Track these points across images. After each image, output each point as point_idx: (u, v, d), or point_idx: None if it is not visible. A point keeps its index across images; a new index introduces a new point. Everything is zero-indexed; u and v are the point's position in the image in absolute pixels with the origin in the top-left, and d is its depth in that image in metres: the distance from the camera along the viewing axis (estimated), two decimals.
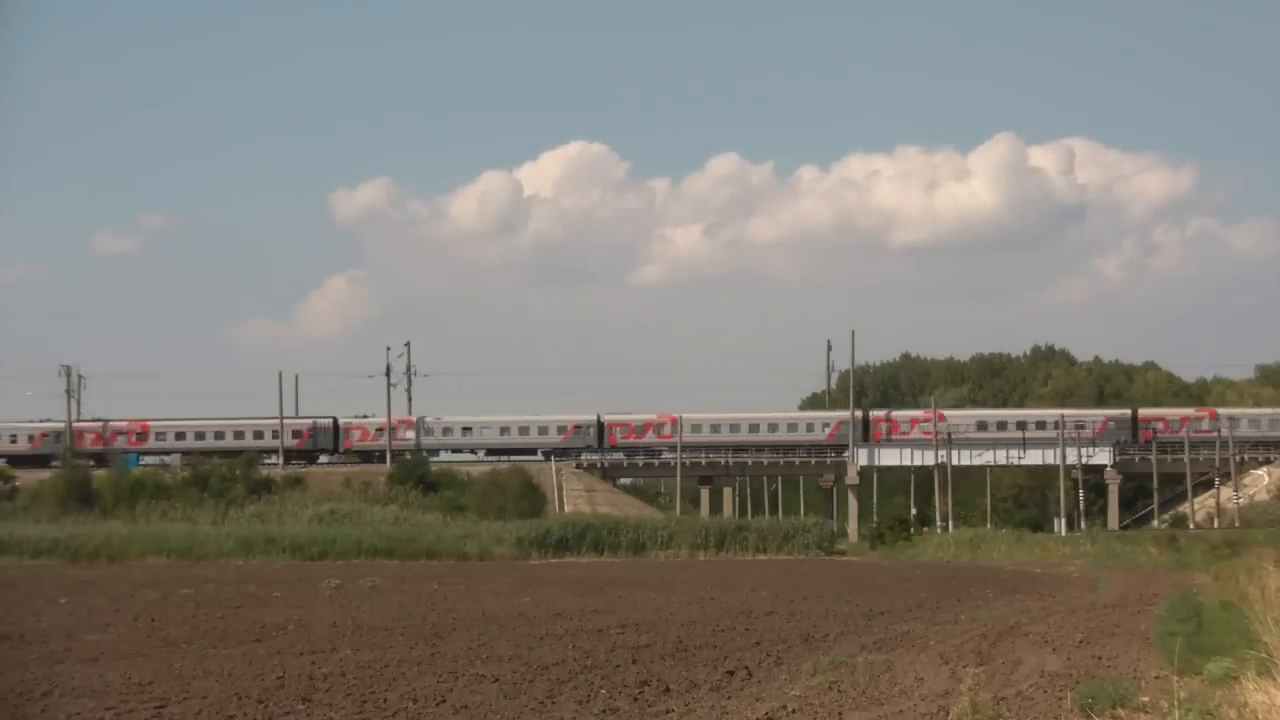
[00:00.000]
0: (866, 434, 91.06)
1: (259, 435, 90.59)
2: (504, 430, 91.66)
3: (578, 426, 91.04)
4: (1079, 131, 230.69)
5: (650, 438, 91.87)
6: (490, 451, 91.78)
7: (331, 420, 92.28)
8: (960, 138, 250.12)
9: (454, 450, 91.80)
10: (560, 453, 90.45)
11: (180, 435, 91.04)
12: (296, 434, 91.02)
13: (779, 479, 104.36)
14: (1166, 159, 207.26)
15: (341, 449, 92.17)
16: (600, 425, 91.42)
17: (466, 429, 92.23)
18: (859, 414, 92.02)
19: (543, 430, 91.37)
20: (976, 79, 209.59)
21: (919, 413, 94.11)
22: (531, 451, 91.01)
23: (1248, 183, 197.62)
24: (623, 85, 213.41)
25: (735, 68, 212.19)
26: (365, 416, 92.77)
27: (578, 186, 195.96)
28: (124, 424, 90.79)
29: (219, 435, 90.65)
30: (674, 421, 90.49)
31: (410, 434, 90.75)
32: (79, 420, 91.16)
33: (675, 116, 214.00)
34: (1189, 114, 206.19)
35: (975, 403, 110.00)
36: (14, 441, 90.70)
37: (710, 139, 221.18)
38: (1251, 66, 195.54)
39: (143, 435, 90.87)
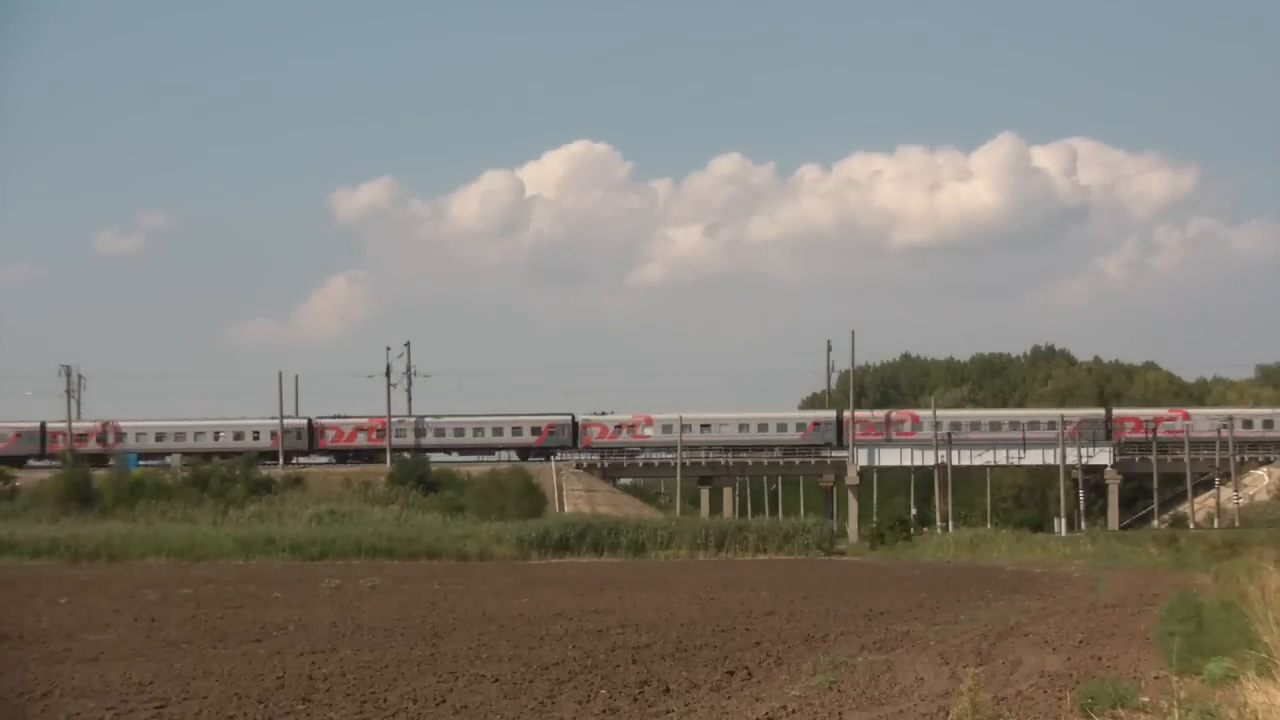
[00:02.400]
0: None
1: (498, 431, 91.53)
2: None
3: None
4: (1081, 131, 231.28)
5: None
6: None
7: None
8: (963, 137, 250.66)
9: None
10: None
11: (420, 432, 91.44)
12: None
13: (779, 479, 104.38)
14: (1169, 159, 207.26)
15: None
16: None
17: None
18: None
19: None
20: (979, 79, 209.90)
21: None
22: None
23: (1250, 184, 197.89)
24: (627, 85, 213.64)
25: (738, 67, 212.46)
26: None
27: (580, 186, 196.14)
28: (364, 420, 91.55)
29: (459, 431, 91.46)
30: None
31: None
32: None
33: (679, 116, 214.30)
34: (1191, 115, 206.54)
35: (976, 403, 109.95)
36: None
37: (713, 138, 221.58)
38: (1254, 68, 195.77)
39: (382, 432, 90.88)
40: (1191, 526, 79.61)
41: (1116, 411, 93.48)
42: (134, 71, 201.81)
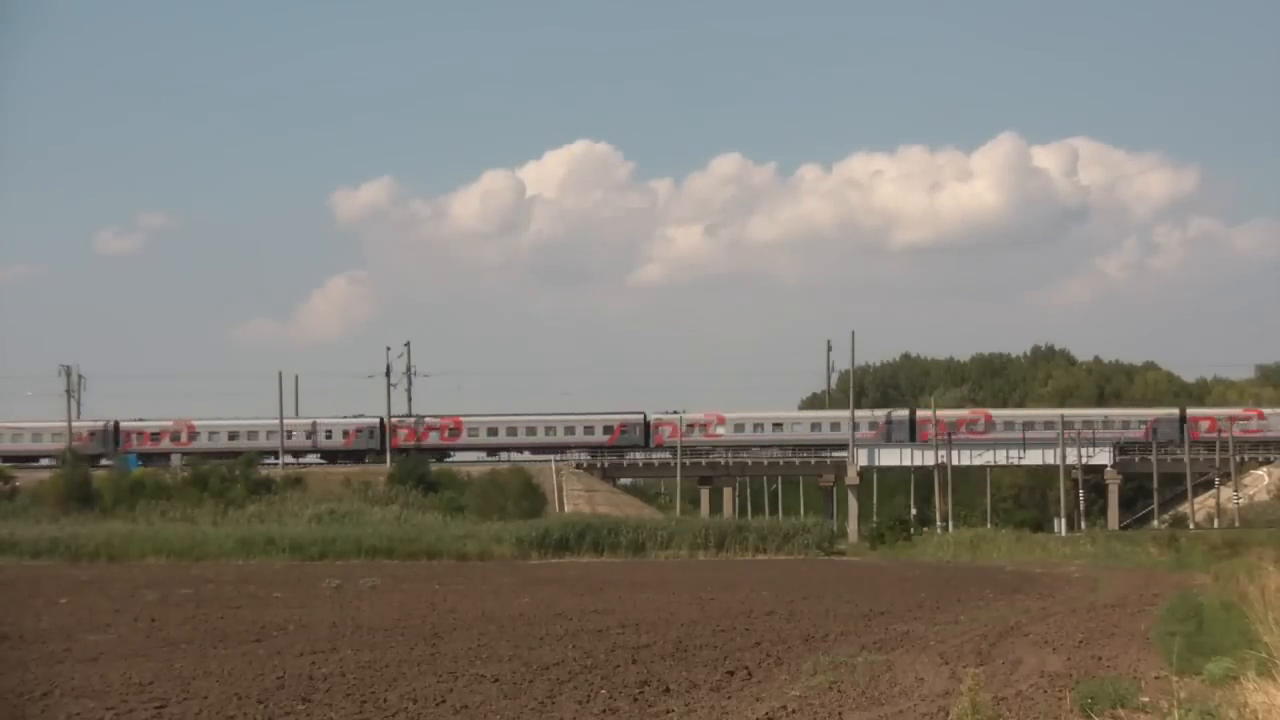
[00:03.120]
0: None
1: (570, 430, 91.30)
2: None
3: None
4: (1083, 131, 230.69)
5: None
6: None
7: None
8: (964, 137, 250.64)
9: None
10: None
11: (493, 431, 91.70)
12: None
13: (779, 479, 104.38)
14: (1170, 159, 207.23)
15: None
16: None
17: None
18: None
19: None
20: (980, 79, 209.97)
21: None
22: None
23: (1251, 184, 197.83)
24: (628, 84, 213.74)
25: (739, 67, 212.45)
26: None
27: (581, 186, 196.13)
28: (436, 420, 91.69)
29: (530, 430, 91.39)
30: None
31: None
32: (394, 416, 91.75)
33: (680, 116, 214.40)
34: (1192, 115, 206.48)
35: (976, 402, 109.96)
36: None
37: (714, 138, 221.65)
38: (1256, 68, 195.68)
39: (455, 431, 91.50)
40: (1191, 526, 79.61)
41: (1191, 411, 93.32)
42: (134, 71, 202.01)
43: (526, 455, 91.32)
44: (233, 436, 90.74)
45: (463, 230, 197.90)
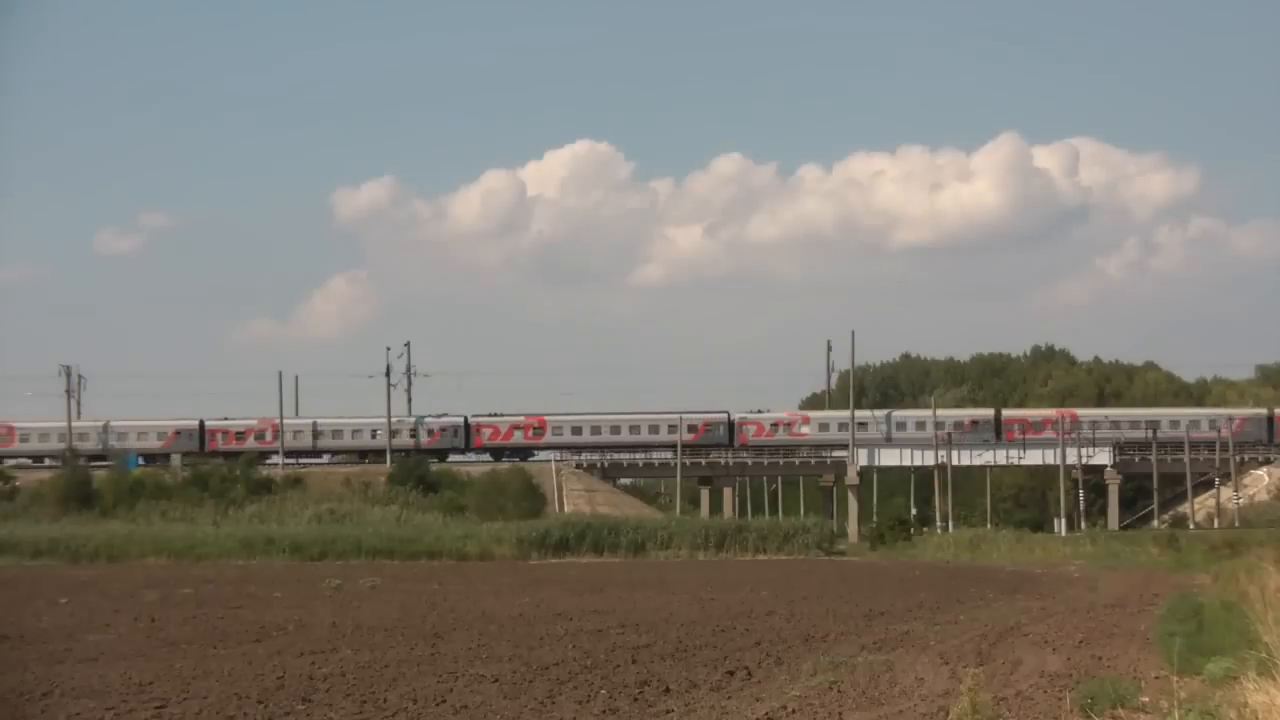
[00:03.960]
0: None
1: (654, 429, 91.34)
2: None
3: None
4: (1084, 131, 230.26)
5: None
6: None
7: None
8: (964, 137, 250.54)
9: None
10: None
11: (577, 430, 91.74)
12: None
13: (779, 479, 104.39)
14: (1171, 159, 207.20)
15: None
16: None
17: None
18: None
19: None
20: (981, 79, 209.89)
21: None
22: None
23: (1252, 184, 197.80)
24: (630, 84, 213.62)
25: (740, 67, 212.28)
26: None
27: (582, 186, 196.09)
28: (520, 419, 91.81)
29: (614, 429, 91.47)
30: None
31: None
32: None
33: (681, 116, 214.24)
34: (1193, 115, 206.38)
35: (975, 402, 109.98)
36: None
37: (715, 138, 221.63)
38: (1257, 68, 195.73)
39: (539, 430, 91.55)
40: (1191, 526, 79.65)
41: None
42: (134, 71, 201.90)
43: (608, 455, 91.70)
44: (317, 435, 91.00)
45: (463, 230, 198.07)
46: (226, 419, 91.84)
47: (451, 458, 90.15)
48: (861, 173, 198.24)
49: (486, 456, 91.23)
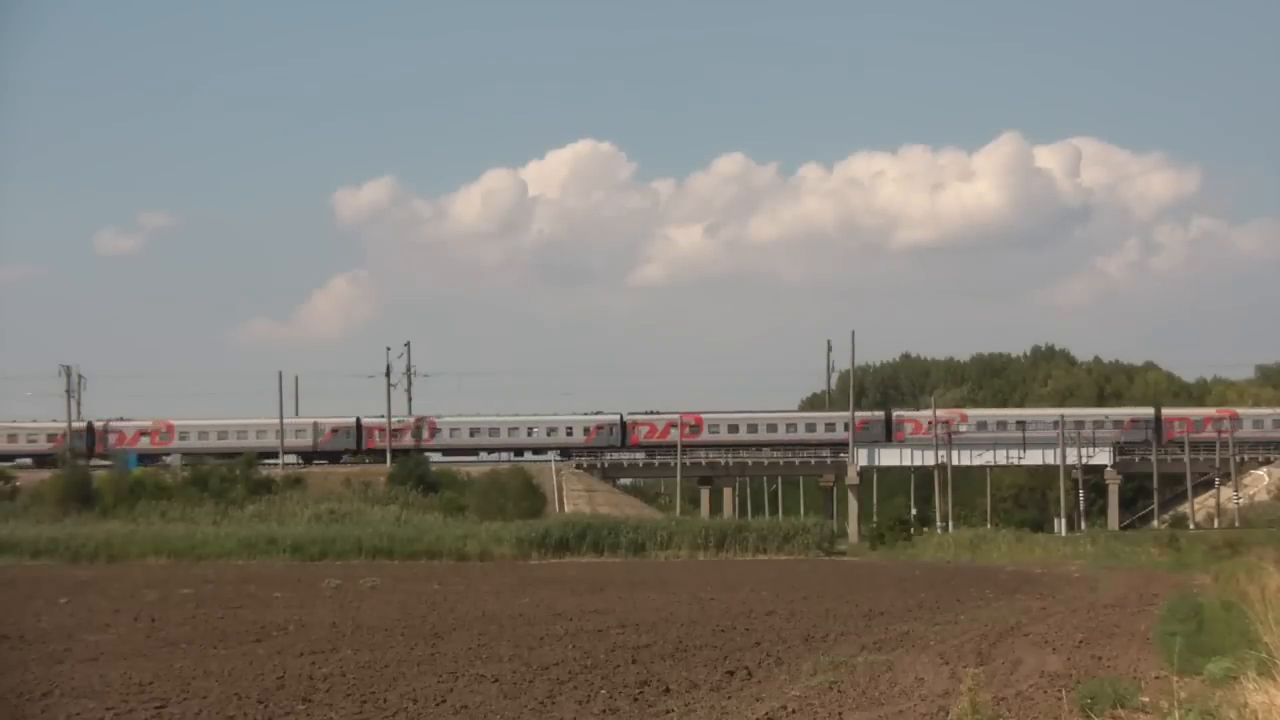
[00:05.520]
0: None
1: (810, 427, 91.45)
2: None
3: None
4: (1085, 131, 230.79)
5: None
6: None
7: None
8: (966, 137, 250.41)
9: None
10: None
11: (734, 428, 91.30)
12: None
13: (779, 479, 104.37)
14: (1172, 159, 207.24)
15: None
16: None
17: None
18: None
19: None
20: (982, 78, 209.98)
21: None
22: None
23: (1253, 184, 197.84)
24: (632, 84, 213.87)
25: (742, 67, 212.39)
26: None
27: (583, 186, 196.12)
28: (676, 416, 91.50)
29: (771, 427, 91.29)
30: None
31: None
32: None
33: (684, 115, 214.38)
34: (1195, 115, 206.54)
35: (976, 402, 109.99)
36: None
37: (717, 138, 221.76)
38: (1259, 68, 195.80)
39: (695, 428, 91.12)
40: (1191, 526, 79.62)
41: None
42: (134, 71, 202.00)
43: (766, 452, 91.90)
44: (474, 432, 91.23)
45: (464, 230, 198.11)
46: (380, 417, 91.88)
47: (609, 455, 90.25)
48: (863, 172, 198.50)
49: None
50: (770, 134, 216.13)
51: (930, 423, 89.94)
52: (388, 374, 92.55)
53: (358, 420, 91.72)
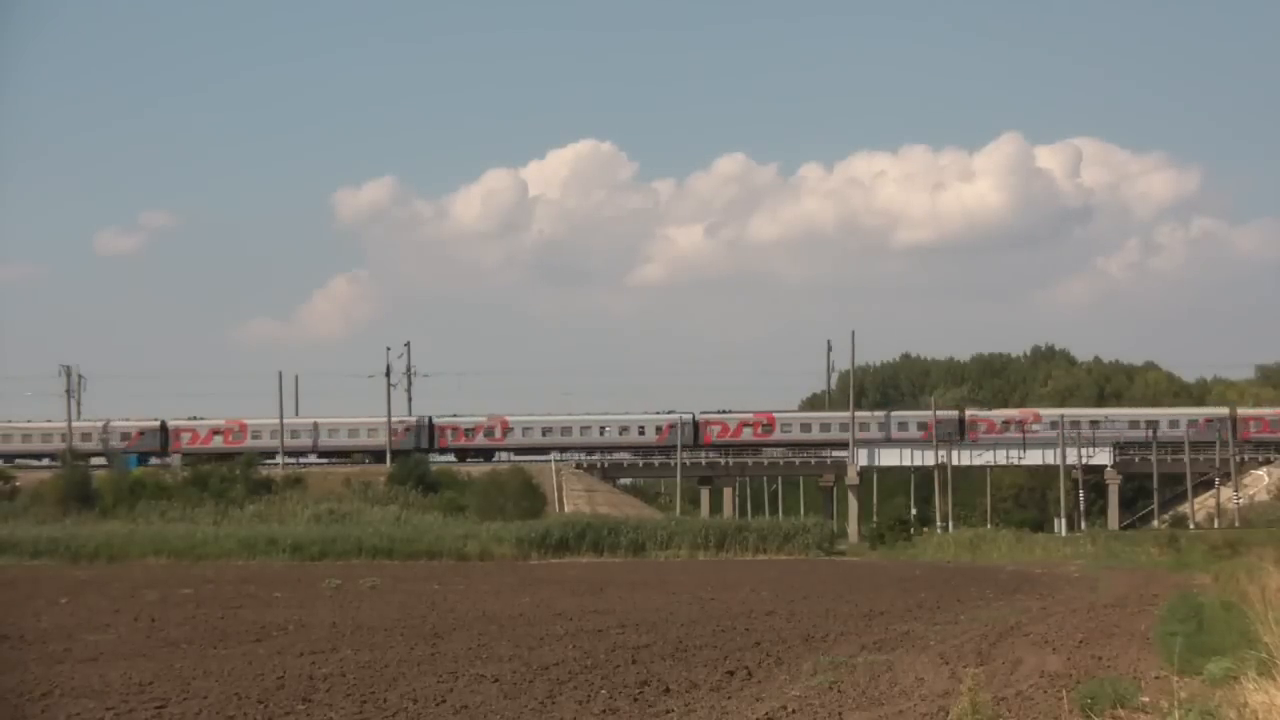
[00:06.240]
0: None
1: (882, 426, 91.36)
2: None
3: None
4: (1086, 131, 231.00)
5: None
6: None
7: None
8: (967, 137, 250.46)
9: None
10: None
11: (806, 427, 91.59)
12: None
13: (779, 479, 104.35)
14: (1173, 159, 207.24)
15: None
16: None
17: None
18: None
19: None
20: (983, 79, 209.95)
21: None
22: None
23: (1253, 184, 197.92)
24: (634, 84, 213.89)
25: (743, 67, 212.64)
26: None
27: (584, 186, 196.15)
28: (749, 415, 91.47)
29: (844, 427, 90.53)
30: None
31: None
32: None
33: (685, 115, 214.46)
34: (1196, 115, 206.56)
35: (977, 402, 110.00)
36: None
37: (719, 138, 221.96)
38: (1259, 68, 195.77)
39: (769, 426, 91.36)
40: (1191, 526, 79.60)
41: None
42: (134, 71, 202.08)
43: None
44: (546, 432, 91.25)
45: (464, 230, 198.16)
46: (456, 415, 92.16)
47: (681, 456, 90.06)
48: (863, 172, 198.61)
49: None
50: (771, 134, 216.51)
51: (1006, 421, 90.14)
52: (388, 374, 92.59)
53: (429, 419, 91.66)
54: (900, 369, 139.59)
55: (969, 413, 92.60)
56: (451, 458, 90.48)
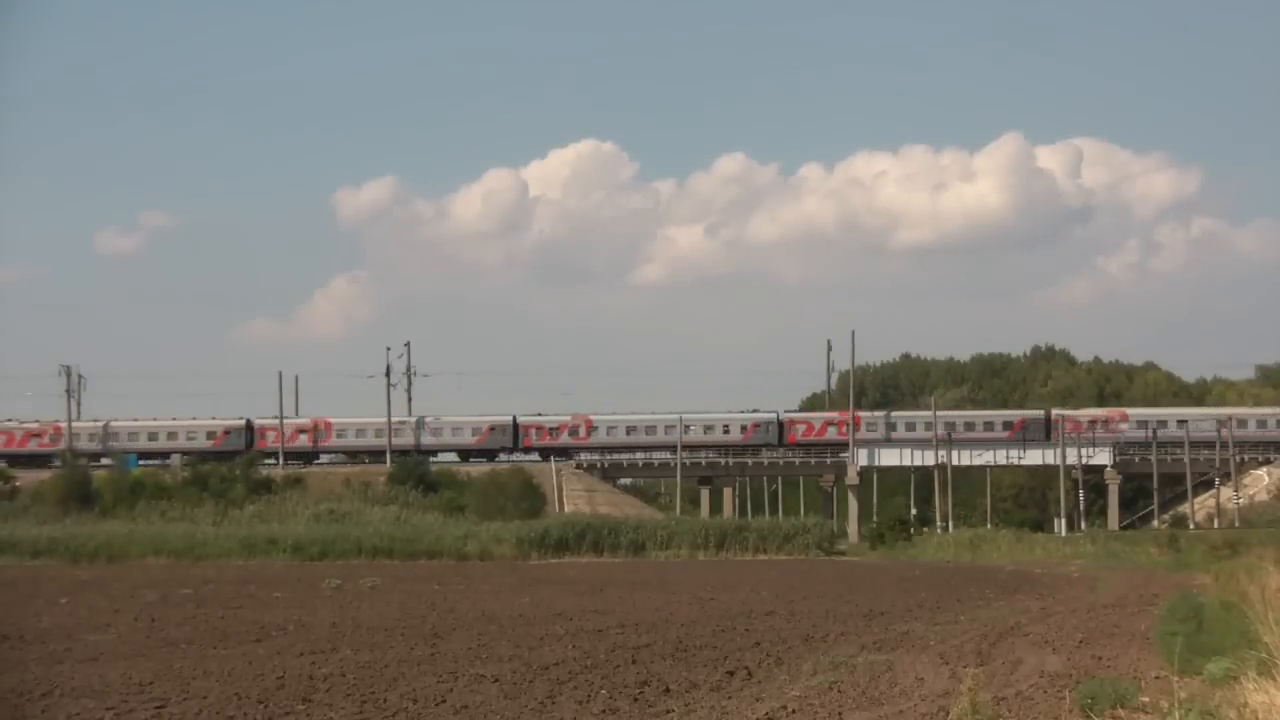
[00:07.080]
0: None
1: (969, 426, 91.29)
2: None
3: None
4: (1086, 132, 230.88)
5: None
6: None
7: None
8: (967, 137, 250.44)
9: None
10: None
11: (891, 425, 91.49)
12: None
13: (779, 479, 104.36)
14: (1173, 160, 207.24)
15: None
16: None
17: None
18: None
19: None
20: (984, 79, 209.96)
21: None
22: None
23: (1254, 184, 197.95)
24: (635, 84, 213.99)
25: (743, 67, 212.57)
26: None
27: (584, 186, 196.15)
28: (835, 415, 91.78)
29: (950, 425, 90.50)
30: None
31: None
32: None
33: (686, 115, 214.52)
34: (1197, 115, 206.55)
35: (976, 402, 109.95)
36: None
37: (719, 138, 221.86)
38: (1259, 69, 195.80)
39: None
40: (1191, 526, 79.63)
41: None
42: (135, 71, 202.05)
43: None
44: (630, 430, 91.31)
45: (465, 230, 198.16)
46: (540, 415, 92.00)
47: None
48: (864, 172, 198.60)
49: (535, 456, 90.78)
50: (771, 134, 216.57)
51: (1091, 421, 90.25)
52: (388, 374, 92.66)
53: (514, 419, 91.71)
54: (900, 369, 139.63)
55: (1055, 412, 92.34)
56: (534, 456, 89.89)
